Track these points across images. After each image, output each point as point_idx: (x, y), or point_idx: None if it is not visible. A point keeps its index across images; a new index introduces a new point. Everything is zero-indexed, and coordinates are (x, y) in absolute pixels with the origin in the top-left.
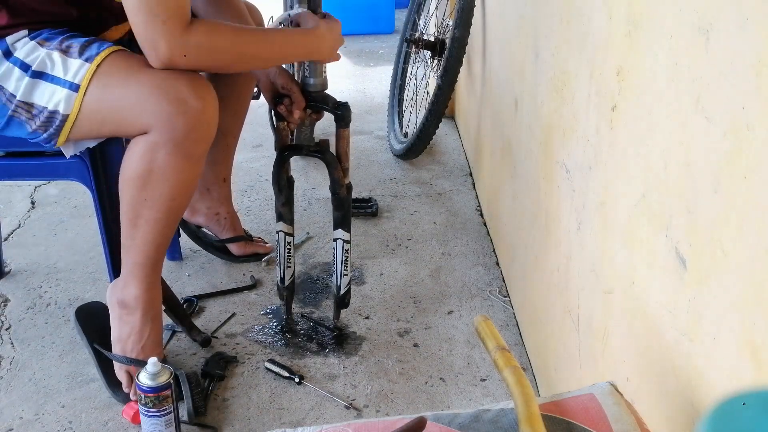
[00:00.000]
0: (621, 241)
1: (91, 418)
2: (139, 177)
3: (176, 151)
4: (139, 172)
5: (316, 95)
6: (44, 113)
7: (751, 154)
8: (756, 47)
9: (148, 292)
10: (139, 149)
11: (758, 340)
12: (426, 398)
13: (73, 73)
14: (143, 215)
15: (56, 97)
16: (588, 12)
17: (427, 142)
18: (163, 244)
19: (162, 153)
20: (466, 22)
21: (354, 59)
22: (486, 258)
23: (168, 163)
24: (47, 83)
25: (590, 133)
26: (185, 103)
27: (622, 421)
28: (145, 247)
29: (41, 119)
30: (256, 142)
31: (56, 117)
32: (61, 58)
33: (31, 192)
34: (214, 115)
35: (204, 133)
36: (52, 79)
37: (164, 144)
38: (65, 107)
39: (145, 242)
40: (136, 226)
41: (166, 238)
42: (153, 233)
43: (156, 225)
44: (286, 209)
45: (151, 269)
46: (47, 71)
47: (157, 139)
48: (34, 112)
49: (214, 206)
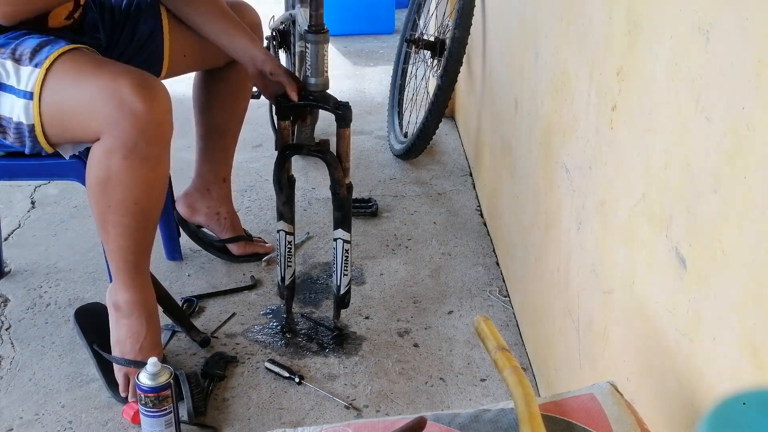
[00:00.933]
0: (621, 241)
1: (91, 418)
2: (99, 183)
3: (130, 155)
4: (99, 178)
5: (317, 95)
6: (12, 124)
7: (751, 154)
8: (756, 47)
9: (138, 295)
10: (96, 155)
11: (758, 340)
12: (426, 398)
13: (25, 81)
14: (110, 221)
15: (17, 108)
16: (588, 12)
17: (427, 142)
18: (140, 248)
19: (116, 158)
20: (466, 22)
21: (354, 59)
22: (486, 258)
23: (123, 167)
24: (7, 94)
25: (590, 133)
26: (129, 106)
27: (622, 421)
28: (121, 252)
29: (12, 131)
30: (256, 142)
31: (23, 127)
32: (14, 67)
33: (31, 192)
34: (163, 113)
35: (155, 133)
36: (10, 89)
37: (117, 149)
38: (26, 117)
39: (119, 248)
40: (107, 232)
41: (143, 241)
42: (124, 238)
43: (126, 230)
44: (287, 208)
45: (134, 273)
46: (3, 81)
47: (110, 144)
48: (3, 123)
49: (214, 206)
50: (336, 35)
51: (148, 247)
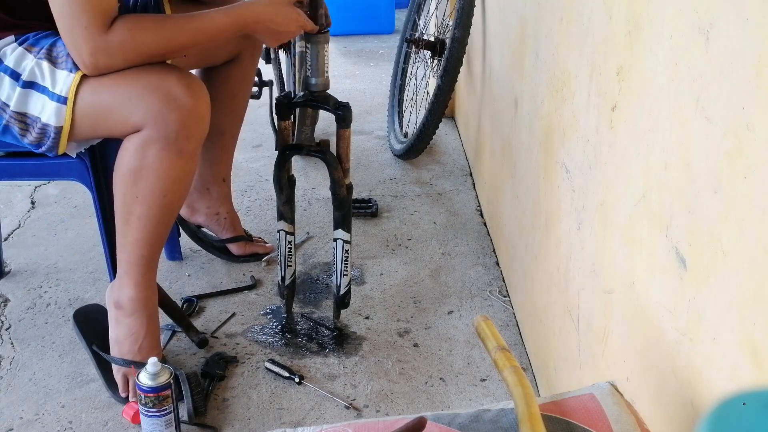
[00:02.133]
0: (621, 241)
1: (91, 418)
2: (131, 173)
3: (168, 147)
4: (131, 168)
5: (317, 95)
6: (38, 123)
7: (751, 154)
8: (756, 47)
9: (143, 293)
10: (131, 145)
11: (758, 340)
12: (426, 398)
13: (61, 85)
14: (135, 212)
15: (47, 110)
16: (588, 12)
17: (427, 142)
18: (156, 242)
19: (154, 149)
20: (466, 22)
21: (354, 59)
22: (486, 258)
23: (159, 158)
24: (39, 93)
25: (590, 133)
26: (176, 100)
27: (622, 421)
28: (138, 245)
29: (35, 131)
30: (256, 142)
31: (49, 129)
32: (50, 68)
33: (31, 192)
34: (206, 111)
35: (196, 129)
36: (43, 90)
37: (156, 140)
38: (57, 120)
39: (137, 240)
40: (128, 223)
41: (160, 236)
42: (146, 230)
43: (148, 222)
44: (287, 208)
45: (145, 268)
46: (37, 81)
47: (150, 135)
48: (28, 121)
49: (214, 206)
50: (336, 35)
51: (162, 243)
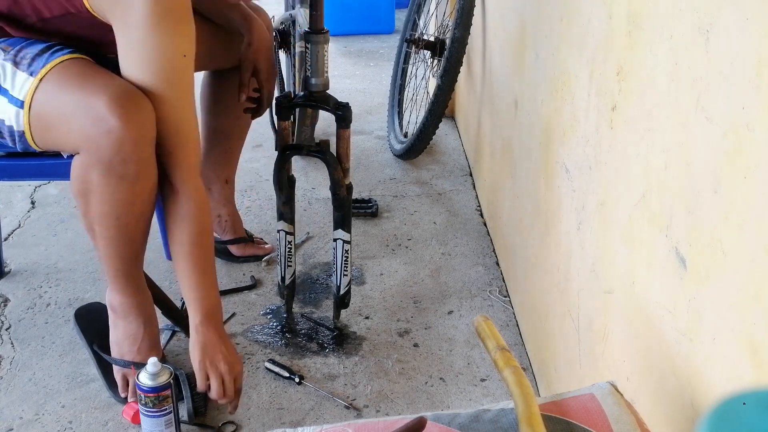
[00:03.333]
0: (621, 241)
1: (91, 418)
2: (80, 195)
3: (107, 172)
4: (80, 191)
5: (317, 95)
6: (5, 126)
7: (751, 154)
8: (756, 47)
9: (132, 299)
10: (76, 168)
11: (758, 340)
12: (426, 398)
13: (19, 88)
14: (96, 231)
15: (8, 113)
16: (588, 12)
17: (427, 142)
18: (127, 257)
19: (95, 173)
20: (466, 22)
21: (354, 59)
22: (486, 258)
23: (101, 184)
24: (1, 96)
25: (590, 133)
26: (106, 123)
27: (622, 421)
28: (110, 260)
29: (6, 133)
30: (256, 142)
31: (14, 131)
32: (12, 70)
33: (31, 192)
34: (141, 130)
35: (130, 152)
36: (4, 92)
37: (94, 165)
38: (17, 123)
39: (108, 256)
40: (94, 239)
41: (130, 252)
42: (111, 248)
43: (111, 241)
44: (287, 208)
45: (124, 280)
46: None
47: (86, 159)
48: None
49: (216, 207)
50: (336, 35)
51: (136, 256)
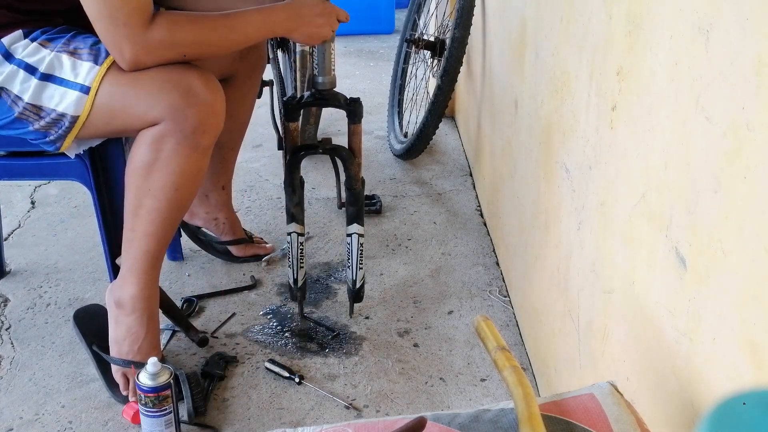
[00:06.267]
0: (621, 241)
1: (91, 418)
2: (145, 166)
3: (184, 141)
4: (146, 161)
5: (325, 93)
6: (52, 114)
7: (751, 154)
8: (756, 47)
9: (145, 291)
10: (147, 139)
11: (758, 340)
12: (426, 398)
13: (84, 75)
14: (145, 205)
15: (66, 100)
16: (588, 12)
17: (427, 142)
18: (162, 239)
19: (170, 143)
20: (466, 22)
21: (354, 59)
22: (486, 258)
23: (174, 152)
24: (56, 86)
25: (590, 133)
26: (196, 96)
27: (622, 421)
28: (145, 240)
29: (47, 119)
30: (256, 142)
31: (65, 119)
32: (71, 60)
33: (31, 192)
34: (222, 107)
35: (212, 124)
36: (62, 81)
37: (173, 134)
38: (75, 109)
39: (145, 234)
40: (137, 216)
41: (167, 233)
42: (154, 225)
43: (158, 216)
44: (299, 209)
45: (149, 265)
46: (56, 74)
47: (167, 129)
48: (43, 114)
49: (213, 211)
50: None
51: (168, 241)
